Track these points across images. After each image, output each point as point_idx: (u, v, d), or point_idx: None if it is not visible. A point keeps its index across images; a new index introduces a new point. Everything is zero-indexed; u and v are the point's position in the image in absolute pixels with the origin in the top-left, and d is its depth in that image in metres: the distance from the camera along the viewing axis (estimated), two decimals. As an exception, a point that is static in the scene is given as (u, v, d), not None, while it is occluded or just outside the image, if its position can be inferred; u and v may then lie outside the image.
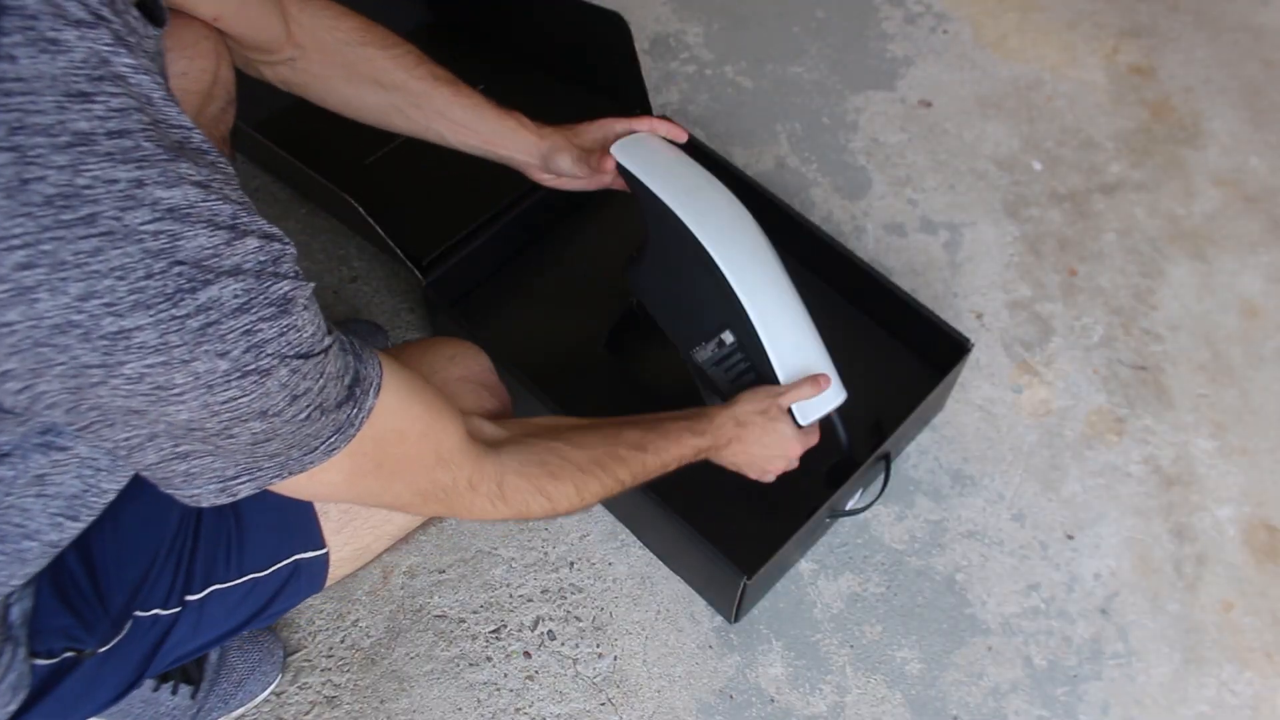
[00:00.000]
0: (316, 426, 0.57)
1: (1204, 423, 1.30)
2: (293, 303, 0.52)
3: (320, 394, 0.56)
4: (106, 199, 0.45)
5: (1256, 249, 1.46)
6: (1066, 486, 1.24)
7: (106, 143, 0.45)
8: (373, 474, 0.65)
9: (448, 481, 0.71)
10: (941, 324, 1.18)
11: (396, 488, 0.68)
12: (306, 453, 0.59)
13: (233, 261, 0.49)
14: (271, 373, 0.52)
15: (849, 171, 1.52)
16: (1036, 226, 1.47)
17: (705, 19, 1.70)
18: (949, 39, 1.69)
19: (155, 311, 0.47)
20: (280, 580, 0.80)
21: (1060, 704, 1.10)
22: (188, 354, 0.48)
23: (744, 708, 1.09)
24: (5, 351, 0.46)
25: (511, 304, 1.30)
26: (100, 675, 0.75)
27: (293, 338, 0.52)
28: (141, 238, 0.46)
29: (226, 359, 0.50)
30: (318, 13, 0.94)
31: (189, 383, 0.49)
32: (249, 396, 0.52)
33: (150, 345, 0.47)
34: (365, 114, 1.00)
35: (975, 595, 1.17)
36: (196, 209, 0.48)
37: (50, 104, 0.44)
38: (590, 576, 1.17)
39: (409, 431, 0.66)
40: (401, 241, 1.18)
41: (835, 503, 1.08)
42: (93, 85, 0.46)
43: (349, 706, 1.09)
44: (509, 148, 1.03)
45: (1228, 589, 1.18)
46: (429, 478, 0.70)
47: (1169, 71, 1.65)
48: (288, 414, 0.54)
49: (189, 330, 0.48)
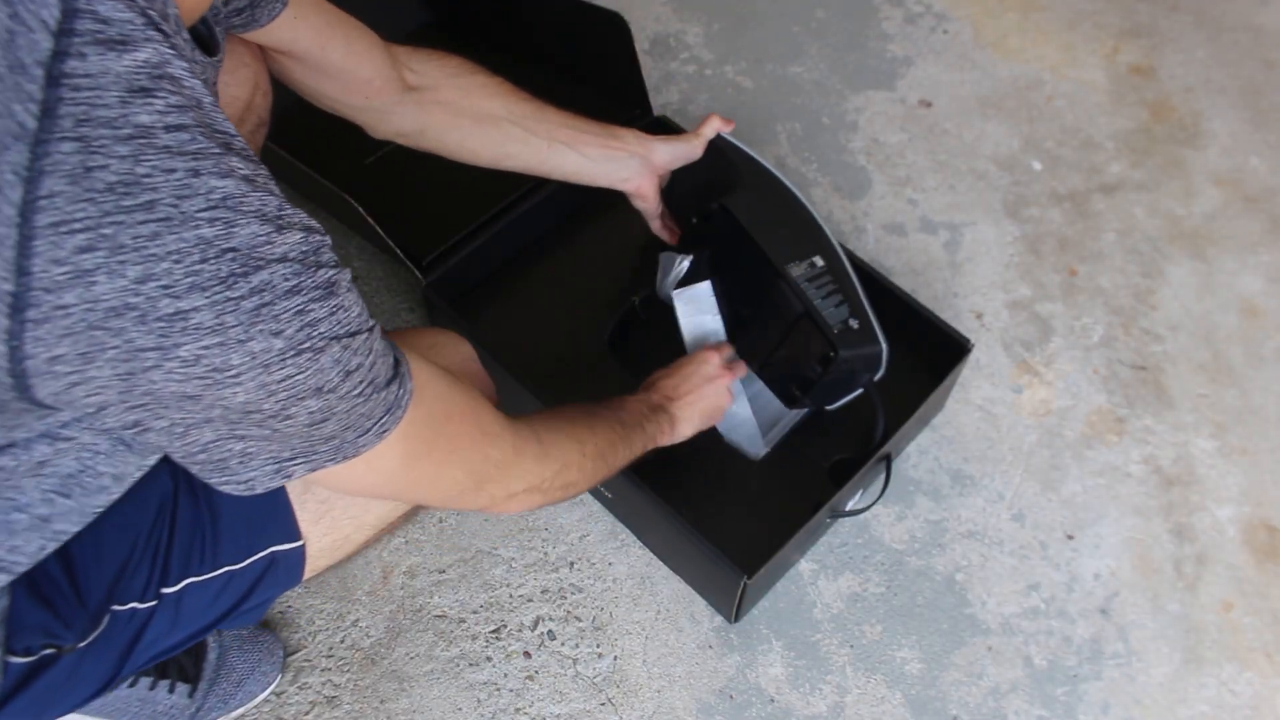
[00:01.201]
0: (370, 405, 0.59)
1: (1204, 423, 1.30)
2: (337, 285, 0.55)
3: (371, 370, 0.58)
4: (165, 187, 0.47)
5: (1256, 249, 1.46)
6: (1066, 486, 1.24)
7: (165, 136, 0.48)
8: (426, 457, 0.67)
9: (497, 455, 0.74)
10: (941, 324, 1.18)
11: (452, 471, 0.71)
12: (360, 434, 0.60)
13: (281, 250, 0.52)
14: (325, 350, 0.54)
15: (849, 171, 1.52)
16: (1036, 226, 1.47)
17: (705, 19, 1.70)
18: (949, 39, 1.69)
19: (211, 294, 0.49)
20: (256, 573, 0.80)
21: (1060, 704, 1.10)
22: (243, 334, 0.50)
23: (744, 708, 1.09)
24: (58, 334, 0.48)
25: (511, 304, 1.30)
26: (79, 670, 0.75)
27: (341, 317, 0.55)
28: (198, 224, 0.48)
29: (281, 338, 0.52)
30: (429, 57, 1.00)
31: (245, 363, 0.51)
32: (305, 373, 0.54)
33: (206, 326, 0.49)
34: (484, 149, 1.05)
35: (975, 595, 1.17)
36: (248, 199, 0.50)
37: (114, 99, 0.47)
38: (590, 576, 1.17)
39: (453, 411, 0.69)
40: (401, 241, 1.18)
41: (836, 503, 1.08)
42: (153, 83, 0.48)
43: (349, 706, 1.09)
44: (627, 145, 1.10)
45: (1228, 589, 1.18)
46: (481, 454, 0.73)
47: (1169, 71, 1.65)
48: (342, 389, 0.56)
49: (244, 311, 0.50)
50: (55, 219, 0.46)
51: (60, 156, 0.46)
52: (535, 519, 1.20)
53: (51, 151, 0.46)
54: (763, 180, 1.16)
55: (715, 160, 1.15)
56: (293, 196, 1.44)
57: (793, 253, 1.09)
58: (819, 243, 1.12)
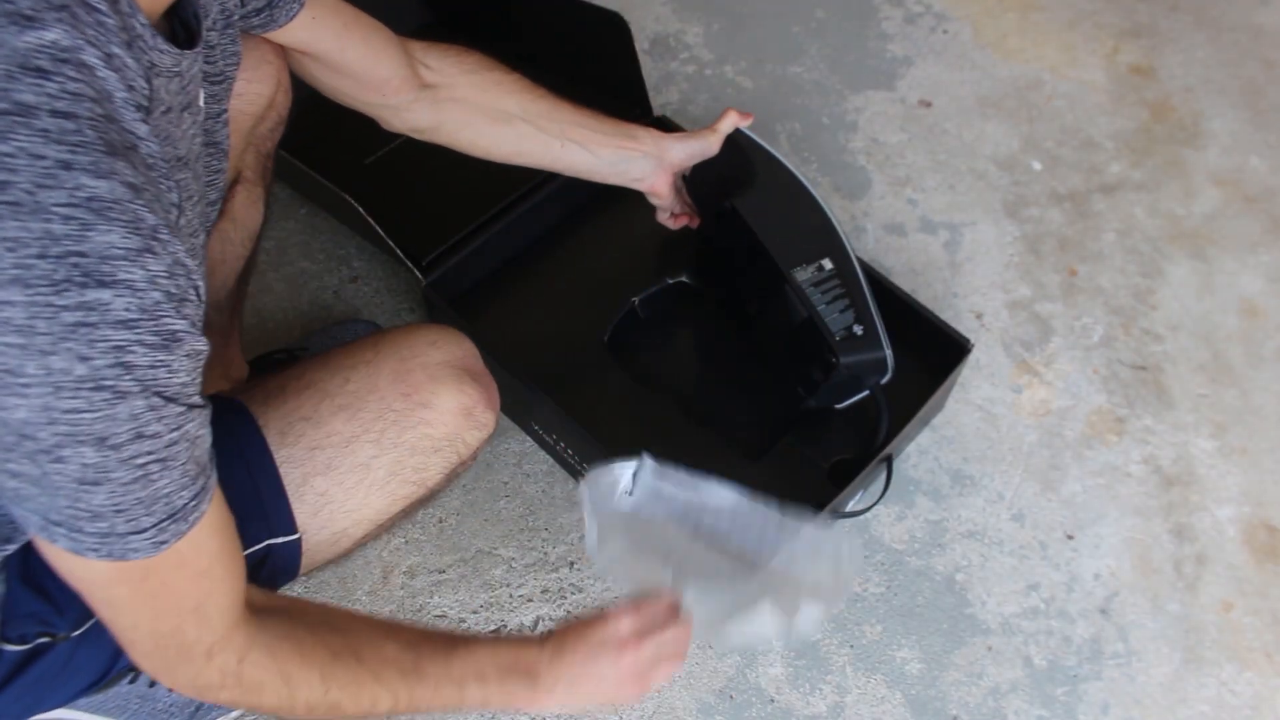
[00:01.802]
0: (150, 490, 0.52)
1: (1204, 423, 1.30)
2: (179, 344, 0.50)
3: (167, 449, 0.52)
4: (26, 170, 0.45)
5: (1256, 249, 1.46)
6: (1066, 486, 1.24)
7: (47, 119, 0.45)
8: (132, 585, 0.58)
9: (190, 637, 0.63)
10: (941, 324, 1.18)
11: (139, 612, 0.61)
12: (133, 531, 0.53)
13: (139, 275, 0.47)
14: (127, 397, 0.49)
15: (849, 171, 1.52)
16: (1036, 226, 1.47)
17: (705, 19, 1.70)
18: (949, 39, 1.69)
19: (33, 292, 0.45)
20: (253, 565, 0.80)
21: (1060, 704, 1.10)
22: (49, 345, 0.46)
23: (744, 708, 1.09)
24: None
25: (511, 304, 1.30)
26: (75, 659, 0.74)
27: (162, 374, 0.50)
28: (49, 218, 0.45)
29: (86, 365, 0.47)
30: (445, 53, 0.99)
31: (39, 376, 0.47)
32: (94, 413, 0.48)
33: (14, 324, 0.45)
34: (499, 145, 1.04)
35: (975, 595, 1.17)
36: (120, 207, 0.47)
37: (1, 71, 0.44)
38: (590, 576, 1.17)
39: (192, 564, 0.59)
40: (401, 241, 1.18)
41: (836, 505, 1.08)
42: (54, 65, 0.46)
43: (349, 706, 1.09)
44: (642, 145, 1.09)
45: (1228, 589, 1.18)
46: (176, 621, 0.62)
47: (1169, 71, 1.65)
48: (126, 452, 0.50)
49: (60, 323, 0.46)
50: None
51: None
52: (535, 519, 1.20)
53: None
54: (777, 178, 1.15)
55: (732, 157, 1.14)
56: (293, 196, 1.44)
57: (800, 255, 1.09)
58: (830, 244, 1.11)
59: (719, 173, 1.14)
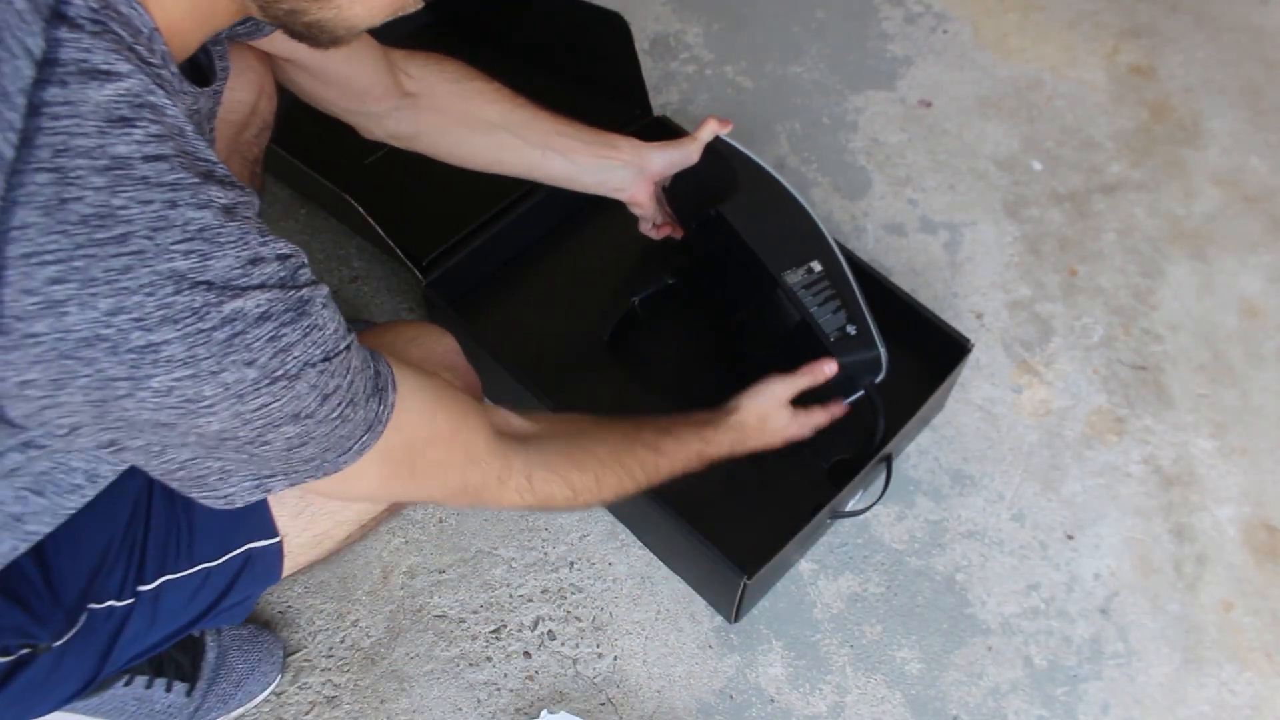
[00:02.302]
0: (349, 427, 0.59)
1: (1204, 423, 1.30)
2: (311, 303, 0.54)
3: (350, 390, 0.58)
4: (140, 219, 0.47)
5: (1256, 249, 1.46)
6: (1066, 486, 1.24)
7: (143, 166, 0.48)
8: (406, 478, 0.68)
9: (478, 479, 0.74)
10: (941, 324, 1.18)
11: (430, 487, 0.72)
12: (341, 454, 0.60)
13: (257, 280, 0.51)
14: (300, 376, 0.54)
15: (849, 171, 1.52)
16: (1036, 226, 1.47)
17: (705, 19, 1.70)
18: (949, 39, 1.69)
19: (183, 326, 0.49)
20: (233, 570, 0.80)
21: (1060, 704, 1.10)
22: (216, 365, 0.50)
23: (744, 708, 1.09)
24: (29, 361, 0.47)
25: (511, 304, 1.30)
26: (60, 668, 0.75)
27: (316, 337, 0.54)
28: (172, 256, 0.48)
29: (254, 367, 0.51)
30: (424, 63, 0.99)
31: (218, 394, 0.51)
32: (280, 401, 0.53)
33: (178, 359, 0.49)
34: (478, 154, 1.05)
35: (975, 595, 1.17)
36: (225, 230, 0.50)
37: (93, 128, 0.47)
38: (590, 576, 1.17)
39: (438, 435, 0.68)
40: (401, 241, 1.18)
41: (836, 504, 1.08)
42: (134, 112, 0.48)
43: (349, 706, 1.09)
44: (620, 149, 1.09)
45: (1228, 589, 1.18)
46: (461, 477, 0.72)
47: (1169, 71, 1.65)
48: (320, 414, 0.56)
49: (216, 343, 0.50)
50: (27, 250, 0.46)
51: (35, 188, 0.46)
52: (535, 519, 1.20)
53: (27, 182, 0.46)
54: (761, 183, 1.15)
55: (713, 164, 1.14)
56: (293, 196, 1.44)
57: (789, 259, 1.09)
58: (817, 246, 1.11)
59: (700, 181, 1.14)
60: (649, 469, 0.88)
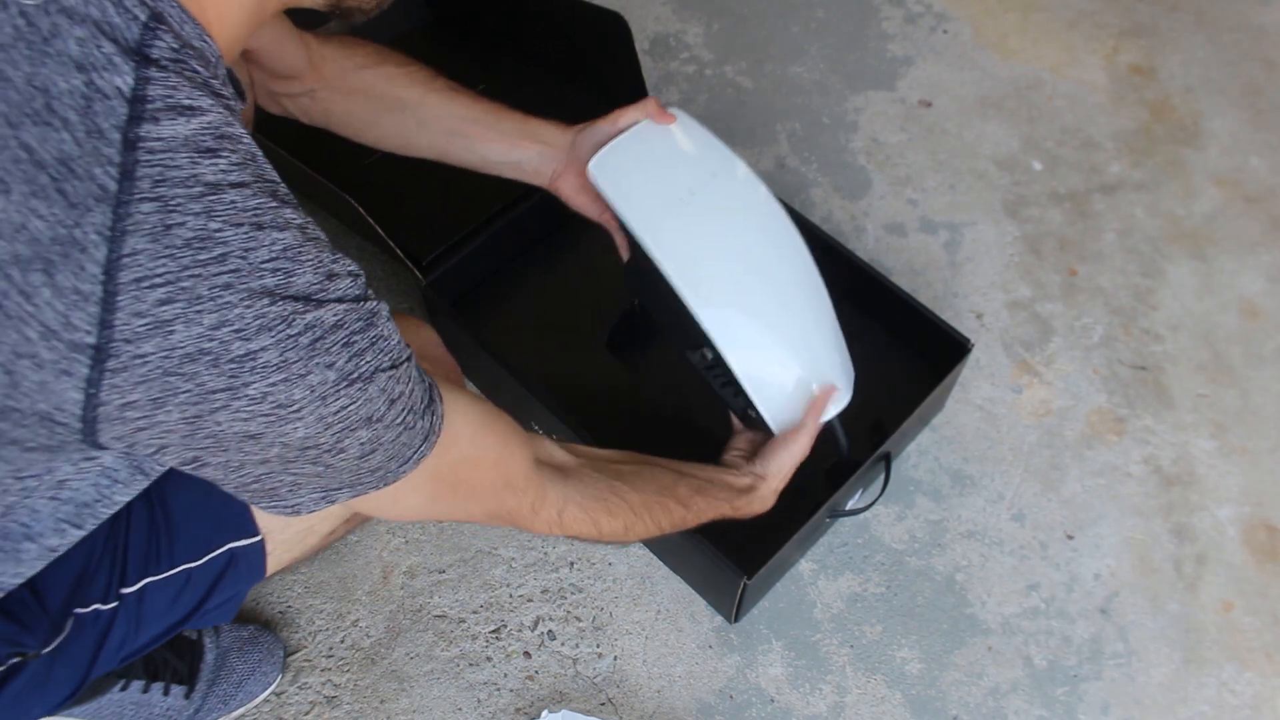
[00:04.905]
0: (410, 435, 0.62)
1: (1204, 423, 1.30)
2: (377, 316, 0.58)
3: (411, 396, 0.61)
4: (234, 240, 0.51)
5: (1256, 249, 1.46)
6: (1066, 486, 1.24)
7: (230, 192, 0.52)
8: (449, 497, 0.72)
9: (513, 505, 0.77)
10: (941, 324, 1.18)
11: (469, 508, 0.76)
12: (402, 463, 0.63)
13: (334, 294, 0.55)
14: (373, 379, 0.57)
15: (849, 171, 1.52)
16: (1036, 226, 1.47)
17: (705, 19, 1.70)
18: (949, 39, 1.69)
19: (276, 333, 0.52)
20: (216, 570, 0.81)
21: (1060, 704, 1.10)
22: (303, 368, 0.54)
23: (744, 708, 1.09)
24: (133, 382, 0.50)
25: (511, 304, 1.30)
26: (49, 676, 0.76)
27: (383, 346, 0.58)
28: (263, 274, 0.52)
29: (334, 369, 0.55)
30: (338, 46, 1.00)
31: (305, 396, 0.54)
32: (356, 404, 0.57)
33: (273, 364, 0.52)
34: (387, 138, 1.04)
35: (975, 595, 1.17)
36: (304, 249, 0.54)
37: (185, 159, 0.50)
38: (590, 576, 1.17)
39: (483, 459, 0.72)
40: (401, 241, 1.18)
41: (835, 503, 1.08)
42: (217, 143, 0.52)
43: (349, 706, 1.09)
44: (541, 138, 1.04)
45: (1228, 589, 1.18)
46: (497, 501, 0.76)
47: (1169, 71, 1.65)
48: (389, 418, 0.59)
49: (302, 346, 0.53)
50: (138, 275, 0.49)
51: (141, 216, 0.49)
52: (535, 519, 1.20)
53: (133, 212, 0.49)
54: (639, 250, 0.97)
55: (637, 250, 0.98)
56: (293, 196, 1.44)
57: (686, 342, 0.99)
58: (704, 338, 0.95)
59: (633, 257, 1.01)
60: (675, 522, 0.91)
